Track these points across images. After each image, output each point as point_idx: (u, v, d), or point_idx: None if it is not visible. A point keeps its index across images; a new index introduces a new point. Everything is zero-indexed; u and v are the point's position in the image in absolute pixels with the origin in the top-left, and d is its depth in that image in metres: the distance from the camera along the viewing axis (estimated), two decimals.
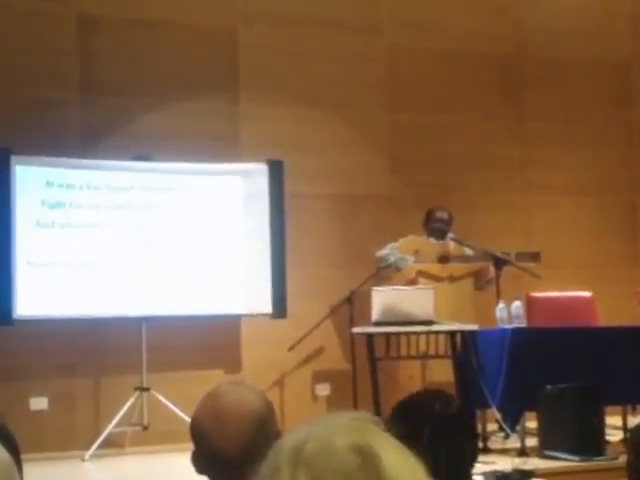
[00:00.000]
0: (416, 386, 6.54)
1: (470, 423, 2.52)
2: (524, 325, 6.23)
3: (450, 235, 7.13)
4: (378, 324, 6.21)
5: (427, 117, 8.00)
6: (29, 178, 6.59)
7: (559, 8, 8.56)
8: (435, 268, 6.99)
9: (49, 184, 6.64)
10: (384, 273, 7.04)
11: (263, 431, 1.96)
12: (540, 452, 5.71)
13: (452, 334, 6.37)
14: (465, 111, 8.13)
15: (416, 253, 7.05)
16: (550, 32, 8.49)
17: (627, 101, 8.77)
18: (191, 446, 2.01)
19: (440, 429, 1.25)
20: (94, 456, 6.39)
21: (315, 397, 7.47)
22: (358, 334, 6.48)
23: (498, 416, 6.03)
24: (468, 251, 7.17)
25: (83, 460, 6.34)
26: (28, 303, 6.49)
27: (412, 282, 6.88)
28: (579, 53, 8.55)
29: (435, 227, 7.19)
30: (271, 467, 1.10)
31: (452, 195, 7.74)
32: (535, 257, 6.92)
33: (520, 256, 6.94)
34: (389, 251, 7.07)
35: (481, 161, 8.16)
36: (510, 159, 8.32)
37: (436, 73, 8.08)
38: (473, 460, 2.37)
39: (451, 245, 7.17)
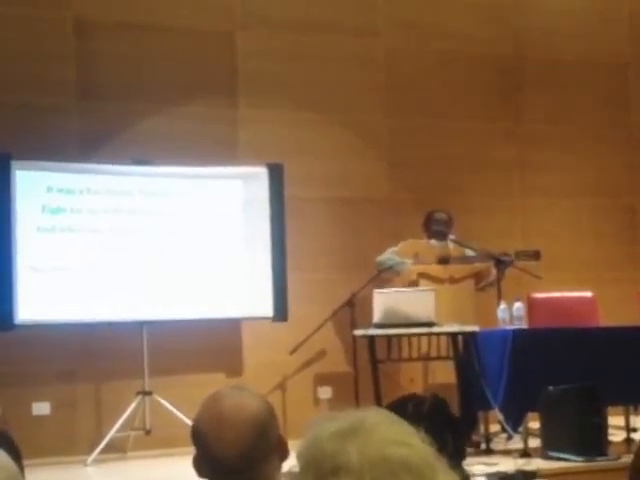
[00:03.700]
0: (418, 388, 6.55)
1: (448, 416, 2.49)
2: (525, 326, 6.23)
3: (451, 236, 7.13)
4: (379, 326, 6.21)
5: (426, 120, 8.00)
6: (30, 183, 6.59)
7: (557, 10, 8.56)
8: (436, 270, 6.99)
9: (49, 189, 6.64)
10: (385, 275, 7.04)
11: (263, 436, 1.96)
12: (543, 453, 5.71)
13: (453, 335, 6.38)
14: (464, 114, 8.12)
15: (416, 256, 7.04)
16: (548, 34, 8.48)
17: (625, 103, 8.76)
18: (193, 450, 2.02)
19: (417, 430, 1.26)
20: (96, 461, 6.39)
21: (317, 400, 7.46)
22: (359, 337, 6.49)
23: (500, 417, 6.03)
24: (469, 252, 7.16)
25: (85, 465, 6.35)
26: (29, 308, 6.49)
27: (413, 284, 6.88)
28: (577, 55, 8.55)
29: (436, 229, 7.18)
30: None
31: (451, 198, 7.73)
32: (535, 256, 6.91)
33: (520, 254, 6.93)
34: (388, 256, 7.07)
35: (480, 164, 8.15)
36: (509, 162, 8.31)
37: (434, 76, 8.08)
38: (461, 450, 2.35)
39: (451, 247, 7.17)
